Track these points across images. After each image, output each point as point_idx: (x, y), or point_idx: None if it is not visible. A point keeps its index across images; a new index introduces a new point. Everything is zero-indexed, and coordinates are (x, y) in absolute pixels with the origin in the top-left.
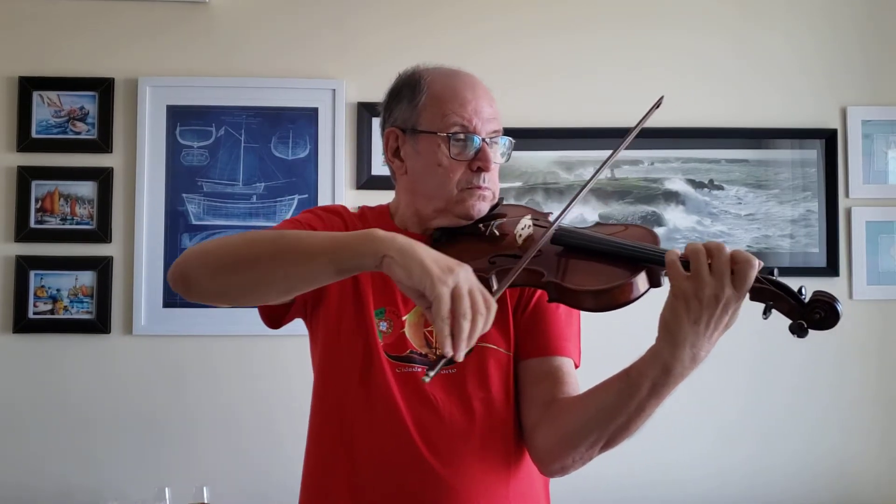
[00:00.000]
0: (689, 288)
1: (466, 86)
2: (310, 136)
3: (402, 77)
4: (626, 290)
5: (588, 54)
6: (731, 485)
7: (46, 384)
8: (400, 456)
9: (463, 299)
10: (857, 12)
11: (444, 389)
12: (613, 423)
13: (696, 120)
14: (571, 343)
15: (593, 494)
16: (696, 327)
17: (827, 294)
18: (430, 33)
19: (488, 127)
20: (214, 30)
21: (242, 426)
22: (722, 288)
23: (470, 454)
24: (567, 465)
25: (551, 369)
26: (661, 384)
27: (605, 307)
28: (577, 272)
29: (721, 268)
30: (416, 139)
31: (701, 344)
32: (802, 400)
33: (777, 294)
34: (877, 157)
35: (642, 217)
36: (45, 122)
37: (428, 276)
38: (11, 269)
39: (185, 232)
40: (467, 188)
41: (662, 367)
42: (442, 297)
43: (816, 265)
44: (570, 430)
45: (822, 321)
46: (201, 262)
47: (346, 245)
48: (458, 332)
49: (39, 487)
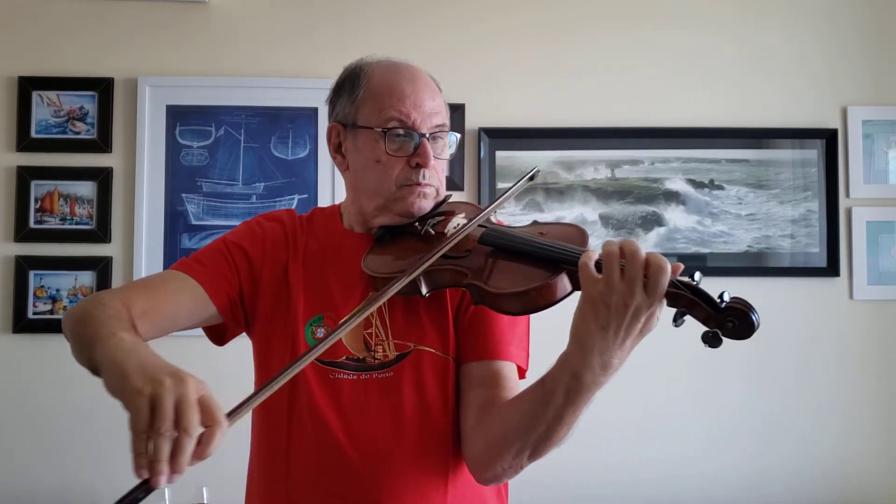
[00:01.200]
0: (596, 293)
1: (406, 79)
2: (309, 136)
3: (345, 70)
4: (545, 291)
5: (588, 54)
6: (729, 484)
7: (46, 384)
8: (331, 464)
9: (163, 416)
10: (857, 12)
11: (378, 395)
12: (534, 432)
13: (696, 120)
14: (514, 346)
15: (590, 490)
16: (604, 333)
17: (743, 301)
18: (429, 33)
19: (430, 121)
20: (214, 29)
21: (242, 426)
22: (632, 295)
23: (403, 460)
24: (498, 474)
25: (489, 374)
26: (574, 391)
27: (527, 310)
28: (500, 274)
29: (633, 273)
30: (356, 134)
31: (611, 351)
32: (801, 400)
33: (693, 301)
34: (877, 156)
35: (642, 217)
36: (45, 122)
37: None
38: (11, 269)
39: (184, 232)
40: (406, 185)
41: (573, 374)
42: (137, 410)
43: (817, 265)
44: (495, 438)
45: (734, 329)
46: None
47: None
48: (157, 454)
49: (39, 487)
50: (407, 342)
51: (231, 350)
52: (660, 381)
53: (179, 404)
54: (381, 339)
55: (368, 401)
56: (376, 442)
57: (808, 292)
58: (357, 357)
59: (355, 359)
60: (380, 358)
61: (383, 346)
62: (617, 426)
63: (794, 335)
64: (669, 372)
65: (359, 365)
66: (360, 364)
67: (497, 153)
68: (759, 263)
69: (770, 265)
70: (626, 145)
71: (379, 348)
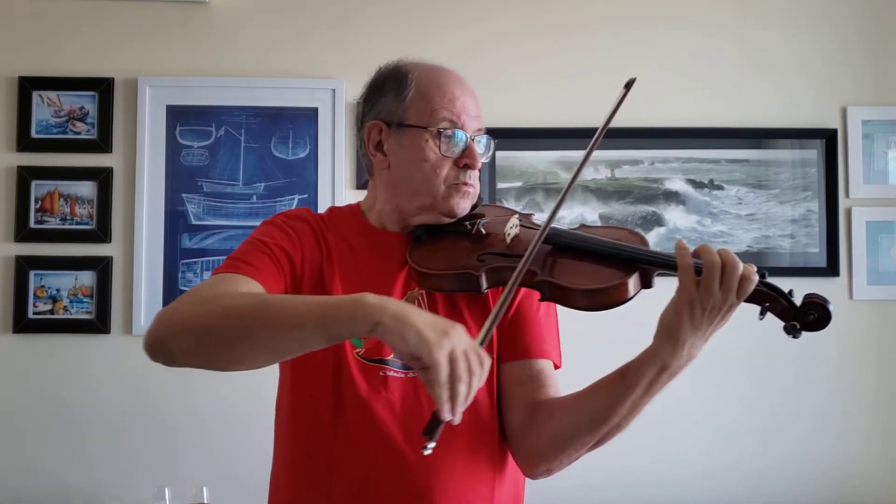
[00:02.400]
0: (697, 296)
1: (454, 82)
2: (310, 136)
3: (385, 70)
4: (621, 290)
5: (588, 54)
6: (730, 484)
7: (46, 384)
8: (385, 462)
9: (459, 363)
10: (857, 12)
11: (427, 394)
12: (607, 424)
13: (696, 120)
14: (551, 345)
15: (591, 493)
16: (696, 331)
17: (819, 296)
18: (430, 33)
19: (473, 125)
20: (214, 29)
21: (242, 426)
22: (726, 300)
23: (457, 458)
24: (553, 467)
25: (533, 372)
26: (656, 382)
27: (598, 307)
28: (570, 271)
29: (731, 283)
30: (402, 133)
31: (699, 344)
32: (801, 400)
33: (771, 296)
34: (877, 157)
35: (642, 217)
36: (45, 122)
37: (425, 344)
38: (11, 269)
39: (184, 232)
40: (454, 185)
41: (660, 366)
42: (440, 363)
43: (816, 265)
44: (562, 432)
45: (815, 322)
46: (184, 334)
47: (336, 314)
48: (456, 397)
49: (39, 487)
50: None
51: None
52: None
53: (467, 353)
54: None
55: (420, 399)
56: None
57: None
58: None
59: None
60: None
61: None
62: None
63: None
64: None
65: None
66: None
67: (497, 153)
68: (759, 263)
69: (770, 265)
70: (625, 145)
71: None
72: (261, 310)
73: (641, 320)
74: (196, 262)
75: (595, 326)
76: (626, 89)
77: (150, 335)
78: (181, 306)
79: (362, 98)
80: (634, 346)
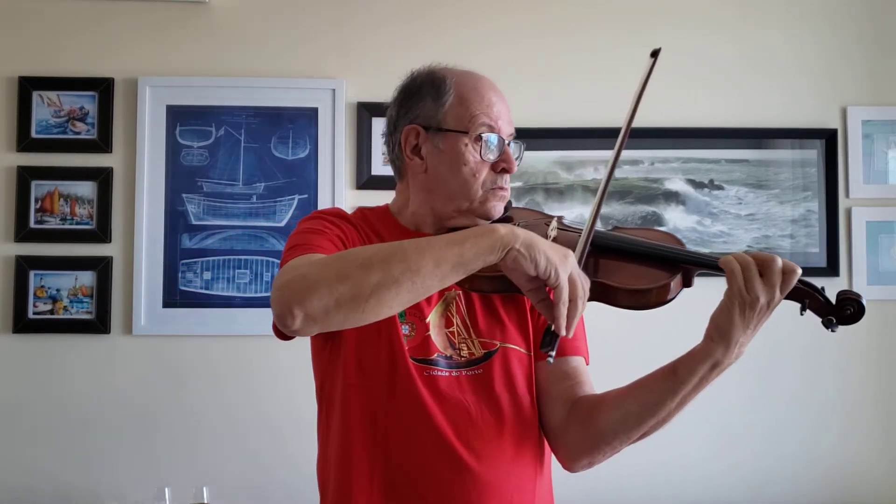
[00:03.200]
0: (746, 296)
1: (491, 88)
2: (310, 136)
3: (420, 75)
4: (665, 290)
5: (588, 54)
6: (732, 486)
7: (46, 384)
8: (438, 459)
9: (577, 284)
10: (857, 12)
11: (472, 391)
12: (655, 419)
13: (696, 120)
14: (583, 343)
15: (594, 495)
16: (746, 329)
17: (853, 292)
18: (430, 33)
19: (508, 129)
20: (214, 30)
21: (242, 426)
22: (773, 296)
23: (504, 453)
24: (595, 460)
25: (570, 369)
26: (707, 379)
27: (642, 306)
28: (615, 271)
29: (775, 279)
30: (441, 138)
31: (748, 341)
32: (803, 400)
33: (810, 293)
34: (877, 157)
35: (642, 217)
36: (45, 122)
37: (553, 266)
38: (11, 269)
39: (184, 232)
40: (491, 189)
41: (713, 363)
42: (564, 284)
43: (816, 265)
44: (609, 427)
45: (852, 316)
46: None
47: (472, 246)
48: (574, 313)
49: (39, 487)
50: (493, 340)
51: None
52: None
53: (580, 276)
54: (464, 337)
55: (465, 397)
56: (481, 437)
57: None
58: (446, 354)
59: (445, 356)
60: (466, 356)
61: (467, 343)
62: None
63: (795, 336)
64: None
65: (450, 362)
66: (450, 361)
67: None
68: None
69: None
70: (625, 145)
71: (463, 346)
72: (400, 254)
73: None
74: (196, 262)
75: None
76: (653, 59)
77: (281, 305)
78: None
79: (396, 102)
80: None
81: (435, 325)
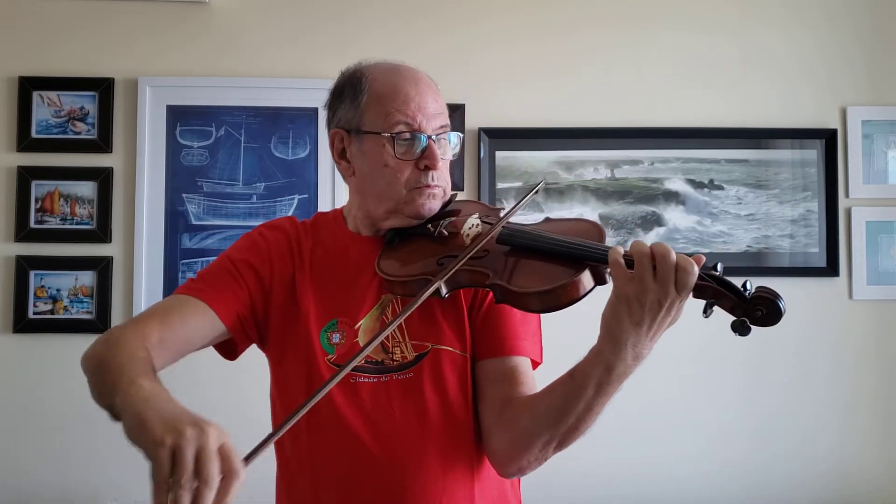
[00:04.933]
0: (631, 291)
1: (409, 82)
2: (310, 136)
3: (344, 75)
4: (570, 289)
5: (588, 54)
6: (728, 484)
7: (47, 384)
8: (359, 468)
9: (184, 465)
10: (857, 12)
11: (400, 396)
12: (564, 424)
13: (696, 120)
14: (528, 341)
15: (589, 492)
16: (638, 328)
17: (769, 290)
18: (430, 33)
19: (434, 123)
20: (214, 30)
21: (243, 425)
22: (666, 294)
23: (431, 459)
24: (523, 466)
25: (506, 369)
26: (606, 383)
27: (551, 307)
28: (522, 273)
29: (666, 275)
30: (361, 140)
31: (643, 343)
32: (800, 399)
33: (719, 291)
34: (877, 157)
35: (642, 217)
36: (45, 122)
37: (146, 438)
38: (11, 269)
39: (184, 232)
40: (416, 188)
41: (605, 366)
42: (157, 459)
43: (816, 265)
44: (522, 432)
45: (764, 318)
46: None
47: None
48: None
49: (39, 487)
50: (425, 342)
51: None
52: (659, 382)
53: (200, 455)
54: (398, 340)
55: (391, 403)
56: (404, 443)
57: (807, 292)
58: (375, 360)
59: (374, 361)
60: (398, 360)
61: (400, 347)
62: (615, 427)
63: (794, 335)
64: (668, 373)
65: (378, 367)
66: (378, 367)
67: (497, 153)
68: (759, 263)
69: (769, 265)
70: (625, 145)
71: (396, 350)
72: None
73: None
74: (196, 261)
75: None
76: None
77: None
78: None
79: (326, 105)
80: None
81: (365, 329)
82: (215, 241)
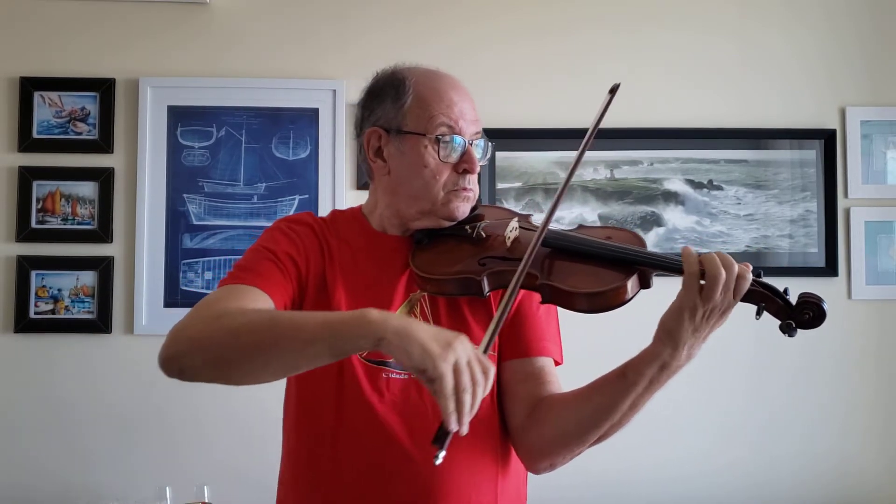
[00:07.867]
0: (700, 301)
1: (451, 87)
2: (310, 137)
3: (382, 77)
4: (621, 292)
5: (588, 54)
6: (729, 484)
7: (47, 384)
8: (390, 463)
9: (463, 374)
10: (856, 12)
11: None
12: (609, 421)
13: (696, 120)
14: (552, 343)
15: (590, 492)
16: (697, 333)
17: (814, 295)
18: (430, 33)
19: (471, 129)
20: (215, 30)
21: (243, 426)
22: (727, 303)
23: (459, 455)
24: (556, 462)
25: (534, 370)
26: (657, 381)
27: (598, 309)
28: (570, 274)
29: (729, 286)
30: (401, 140)
31: (698, 345)
32: (800, 399)
33: (767, 296)
34: (876, 157)
35: (642, 217)
36: (46, 123)
37: (429, 357)
38: (12, 269)
39: (185, 232)
40: (452, 190)
41: (661, 366)
42: (445, 375)
43: (815, 265)
44: (565, 429)
45: (811, 321)
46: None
47: (342, 330)
48: (462, 407)
49: (39, 487)
50: None
51: None
52: None
53: (471, 363)
54: None
55: (422, 399)
56: None
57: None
58: None
59: None
60: None
61: None
62: None
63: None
64: None
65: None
66: None
67: (497, 153)
68: (758, 263)
69: (769, 265)
70: (625, 146)
71: None
72: (271, 328)
73: (643, 318)
74: (197, 262)
75: (597, 324)
76: (610, 95)
77: (164, 352)
78: (192, 323)
79: (360, 104)
80: (636, 342)
81: None
82: (216, 242)
